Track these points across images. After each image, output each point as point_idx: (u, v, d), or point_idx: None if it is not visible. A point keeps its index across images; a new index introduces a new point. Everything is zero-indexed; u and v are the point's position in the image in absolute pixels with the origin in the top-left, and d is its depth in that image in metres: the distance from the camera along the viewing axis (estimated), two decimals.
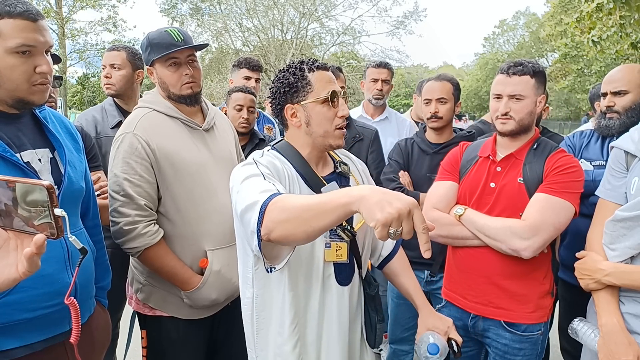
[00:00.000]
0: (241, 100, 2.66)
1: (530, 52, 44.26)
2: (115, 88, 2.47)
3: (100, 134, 2.36)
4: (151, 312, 1.83)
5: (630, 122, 2.05)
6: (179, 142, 1.77)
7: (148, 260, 1.74)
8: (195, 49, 1.82)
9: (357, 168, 1.60)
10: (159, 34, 1.76)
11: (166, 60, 1.76)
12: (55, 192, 0.78)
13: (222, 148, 1.92)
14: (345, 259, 1.41)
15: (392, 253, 1.63)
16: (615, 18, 6.30)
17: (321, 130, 1.37)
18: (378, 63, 3.20)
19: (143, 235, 1.67)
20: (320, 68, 1.38)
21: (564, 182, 1.67)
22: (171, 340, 1.82)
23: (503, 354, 1.79)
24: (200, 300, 1.77)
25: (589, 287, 1.58)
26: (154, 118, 1.78)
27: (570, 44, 18.58)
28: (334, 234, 1.39)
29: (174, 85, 1.78)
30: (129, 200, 1.67)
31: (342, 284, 1.42)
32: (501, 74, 1.77)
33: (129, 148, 1.70)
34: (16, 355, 1.23)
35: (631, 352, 1.44)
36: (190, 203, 1.76)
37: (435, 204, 1.88)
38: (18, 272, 0.82)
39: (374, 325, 1.52)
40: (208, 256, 1.77)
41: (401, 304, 2.44)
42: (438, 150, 2.35)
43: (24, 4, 1.21)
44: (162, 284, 1.79)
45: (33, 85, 1.25)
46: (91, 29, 23.05)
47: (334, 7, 25.60)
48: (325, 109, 1.35)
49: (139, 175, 1.69)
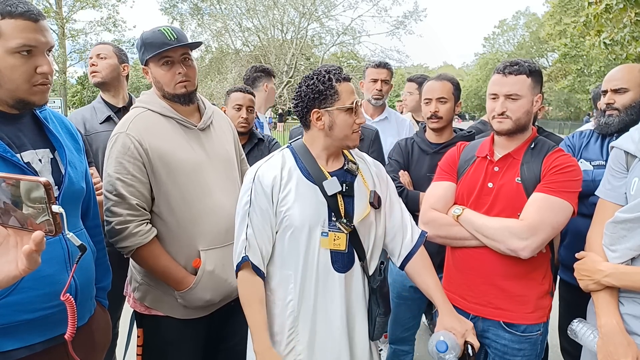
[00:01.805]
0: (240, 100, 2.66)
1: (530, 52, 44.28)
2: (102, 75, 2.49)
3: (89, 130, 2.37)
4: (147, 310, 1.83)
5: (629, 120, 2.06)
6: (173, 141, 1.77)
7: (141, 260, 1.75)
8: (189, 48, 1.80)
9: (371, 170, 1.69)
10: (152, 33, 1.76)
11: (159, 59, 1.76)
12: (53, 189, 0.79)
13: (218, 147, 1.91)
14: (344, 248, 1.55)
15: (412, 252, 1.67)
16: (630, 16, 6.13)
17: (342, 135, 1.56)
18: (377, 63, 3.19)
19: (134, 235, 1.68)
20: (345, 79, 1.56)
21: (562, 182, 1.66)
22: (167, 340, 1.83)
23: (502, 354, 1.79)
24: (194, 300, 1.76)
25: (589, 288, 1.57)
26: (149, 118, 1.78)
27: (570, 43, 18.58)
28: (333, 226, 1.54)
29: (167, 84, 1.78)
30: (121, 200, 1.68)
31: (339, 270, 1.55)
32: (497, 74, 1.76)
33: (121, 148, 1.70)
34: (17, 357, 1.23)
35: (630, 353, 1.44)
36: (184, 203, 1.76)
37: (433, 205, 1.88)
38: (18, 270, 0.82)
39: (374, 318, 1.62)
40: (201, 256, 1.77)
41: (401, 304, 2.44)
42: (438, 150, 2.35)
43: (25, 4, 1.21)
44: (157, 284, 1.79)
45: (34, 85, 1.25)
46: (91, 29, 23.10)
47: (334, 7, 25.64)
48: (347, 116, 1.54)
49: (132, 175, 1.69)
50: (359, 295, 1.60)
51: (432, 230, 1.83)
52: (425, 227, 1.83)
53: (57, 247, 1.27)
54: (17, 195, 0.80)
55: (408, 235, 1.68)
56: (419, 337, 3.01)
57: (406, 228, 1.69)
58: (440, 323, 1.58)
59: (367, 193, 1.60)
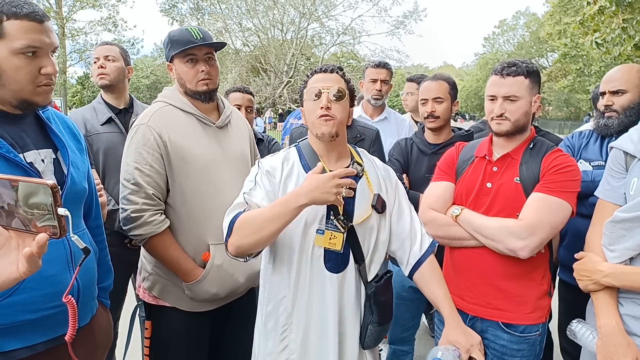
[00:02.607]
0: (239, 100, 2.67)
1: (530, 52, 44.27)
2: (110, 78, 2.49)
3: (90, 131, 2.38)
4: (155, 301, 1.88)
5: (628, 121, 2.06)
6: (191, 136, 1.83)
7: (153, 249, 1.79)
8: (213, 48, 1.89)
9: (378, 173, 1.66)
10: (180, 32, 1.86)
11: (184, 56, 1.84)
12: (59, 192, 0.79)
13: (234, 146, 1.96)
14: (339, 248, 1.51)
15: (420, 260, 1.62)
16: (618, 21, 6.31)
17: (309, 123, 1.57)
18: (377, 63, 3.18)
19: (149, 224, 1.73)
20: (315, 72, 1.58)
21: (561, 182, 1.66)
22: (172, 331, 1.86)
23: (501, 355, 1.79)
24: (201, 293, 1.80)
25: (588, 288, 1.57)
26: (169, 112, 1.85)
27: (570, 43, 18.60)
28: (331, 224, 1.52)
29: (190, 81, 1.85)
30: (138, 189, 1.74)
31: (331, 270, 1.52)
32: (495, 75, 1.76)
33: (141, 139, 1.77)
34: (19, 357, 1.23)
35: (629, 354, 1.44)
36: (197, 197, 1.80)
37: (432, 205, 1.88)
38: (18, 272, 0.82)
39: (365, 325, 1.57)
40: (210, 250, 1.81)
41: (401, 304, 2.44)
42: (437, 150, 2.35)
43: (30, 5, 1.21)
44: (166, 275, 1.84)
45: (38, 86, 1.25)
46: (91, 28, 23.07)
47: (334, 7, 25.65)
48: (310, 103, 1.55)
49: (150, 166, 1.75)
50: (351, 299, 1.56)
51: (431, 230, 1.83)
52: (423, 227, 1.83)
53: (60, 248, 1.28)
54: (21, 197, 0.80)
55: (417, 244, 1.63)
56: (419, 337, 3.02)
57: (415, 236, 1.64)
58: (445, 336, 1.53)
59: (370, 195, 1.58)
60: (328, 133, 1.52)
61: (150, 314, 1.89)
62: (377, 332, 1.58)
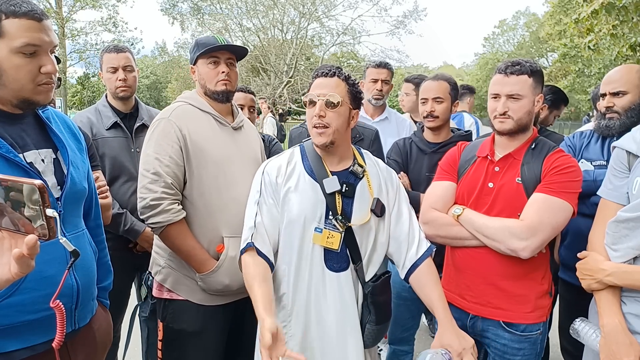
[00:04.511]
0: (242, 100, 2.66)
1: (530, 52, 44.28)
2: (132, 90, 2.47)
3: (96, 135, 2.35)
4: (168, 294, 1.90)
5: (630, 122, 2.05)
6: (208, 132, 1.91)
7: (169, 238, 1.83)
8: (234, 54, 1.99)
9: (380, 175, 1.69)
10: (207, 38, 1.98)
11: (208, 58, 1.94)
12: (47, 192, 0.77)
13: (247, 147, 2.04)
14: (336, 247, 1.55)
15: (416, 263, 1.63)
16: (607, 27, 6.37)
17: (308, 128, 1.61)
18: (378, 63, 3.18)
19: (167, 212, 1.78)
20: (317, 76, 1.61)
21: (562, 182, 1.67)
22: (185, 325, 1.88)
23: (502, 354, 1.80)
24: (214, 284, 1.84)
25: (591, 288, 1.57)
26: (189, 110, 1.94)
27: (570, 44, 18.61)
28: (329, 223, 1.55)
29: (210, 81, 1.94)
30: (157, 178, 1.80)
31: (332, 269, 1.56)
32: (499, 74, 1.77)
33: (162, 131, 1.85)
34: (19, 357, 1.23)
35: (633, 353, 1.44)
36: (213, 190, 1.86)
37: (433, 204, 1.88)
38: (10, 273, 0.81)
39: (364, 324, 1.60)
40: (224, 242, 1.85)
41: (400, 304, 2.43)
42: (436, 149, 2.35)
43: (29, 3, 1.21)
44: (179, 267, 1.88)
45: (38, 85, 1.24)
46: (91, 29, 23.09)
47: (334, 7, 25.60)
48: (307, 110, 1.59)
49: (169, 157, 1.81)
50: (351, 298, 1.58)
51: (432, 230, 1.83)
52: (425, 226, 1.83)
53: (59, 248, 1.26)
54: (11, 197, 0.78)
55: (414, 248, 1.64)
56: (419, 337, 3.02)
57: (413, 240, 1.65)
58: (438, 339, 1.53)
59: (370, 199, 1.60)
60: (322, 144, 1.57)
61: (163, 314, 1.90)
62: (375, 332, 1.60)
